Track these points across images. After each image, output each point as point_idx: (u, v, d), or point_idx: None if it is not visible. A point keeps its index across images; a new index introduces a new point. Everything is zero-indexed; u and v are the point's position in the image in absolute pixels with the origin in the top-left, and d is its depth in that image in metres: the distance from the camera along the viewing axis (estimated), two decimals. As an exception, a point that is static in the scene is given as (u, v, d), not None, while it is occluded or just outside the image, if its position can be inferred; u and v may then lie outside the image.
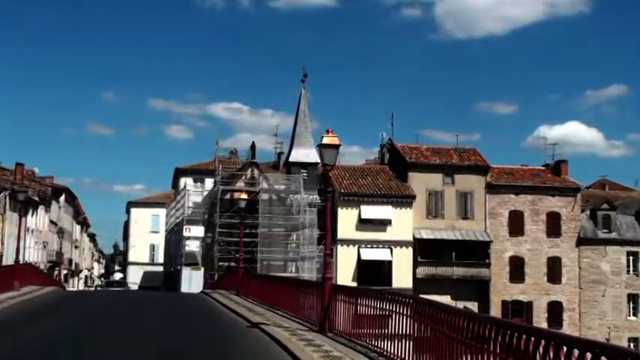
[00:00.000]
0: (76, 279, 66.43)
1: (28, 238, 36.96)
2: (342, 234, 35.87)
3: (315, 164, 37.11)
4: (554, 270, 38.33)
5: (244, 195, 31.60)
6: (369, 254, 35.49)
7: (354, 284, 35.26)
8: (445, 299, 36.28)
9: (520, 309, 37.32)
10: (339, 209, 36.10)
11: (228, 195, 33.29)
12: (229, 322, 14.16)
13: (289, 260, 35.10)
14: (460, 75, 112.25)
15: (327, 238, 12.11)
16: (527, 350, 5.24)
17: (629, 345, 35.71)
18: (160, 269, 51.37)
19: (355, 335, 9.79)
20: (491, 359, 5.87)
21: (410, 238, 36.38)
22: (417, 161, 38.78)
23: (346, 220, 36.04)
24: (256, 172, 34.28)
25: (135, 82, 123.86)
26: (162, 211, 52.95)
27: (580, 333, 35.35)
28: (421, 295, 32.40)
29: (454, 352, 6.58)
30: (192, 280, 35.63)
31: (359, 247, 35.93)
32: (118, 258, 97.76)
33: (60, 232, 48.60)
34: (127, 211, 65.11)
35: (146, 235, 58.83)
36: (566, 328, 36.79)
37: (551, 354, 4.89)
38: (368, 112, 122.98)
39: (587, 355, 4.49)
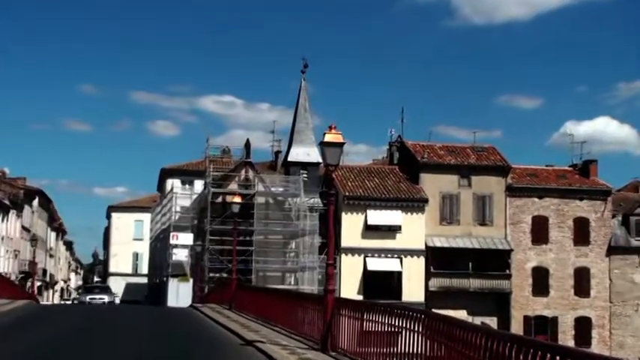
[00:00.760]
0: (51, 291, 66.51)
1: (-3, 245, 36.95)
2: (346, 242, 35.87)
3: (317, 164, 37.17)
4: (581, 282, 38.28)
5: (238, 198, 31.56)
6: (376, 264, 35.48)
7: (359, 297, 35.31)
8: (461, 314, 36.35)
9: (544, 325, 37.28)
10: (343, 214, 36.11)
11: (219, 198, 33.30)
12: (221, 339, 14.12)
13: (288, 271, 35.08)
14: (478, 65, 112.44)
15: (330, 246, 12.07)
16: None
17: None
18: (145, 281, 51.34)
19: (361, 354, 9.76)
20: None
21: (422, 246, 36.35)
22: (430, 161, 38.74)
23: (351, 227, 36.04)
24: (251, 173, 34.27)
25: (116, 74, 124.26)
26: (146, 217, 52.90)
27: (611, 352, 35.33)
28: (434, 310, 32.51)
29: (471, 374, 6.53)
30: (179, 293, 35.61)
31: (365, 257, 35.93)
32: (97, 268, 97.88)
33: (33, 240, 48.66)
34: (108, 217, 64.76)
35: (129, 243, 58.82)
36: (596, 346, 36.74)
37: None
38: (375, 106, 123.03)
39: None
